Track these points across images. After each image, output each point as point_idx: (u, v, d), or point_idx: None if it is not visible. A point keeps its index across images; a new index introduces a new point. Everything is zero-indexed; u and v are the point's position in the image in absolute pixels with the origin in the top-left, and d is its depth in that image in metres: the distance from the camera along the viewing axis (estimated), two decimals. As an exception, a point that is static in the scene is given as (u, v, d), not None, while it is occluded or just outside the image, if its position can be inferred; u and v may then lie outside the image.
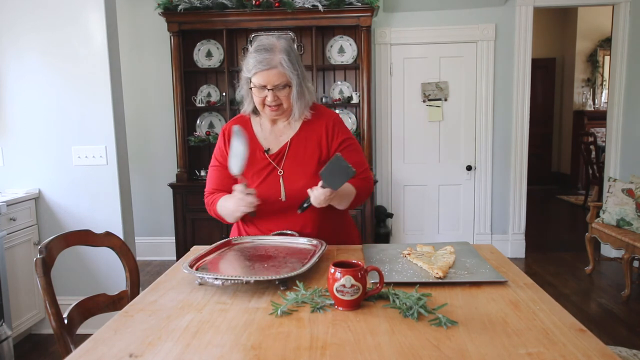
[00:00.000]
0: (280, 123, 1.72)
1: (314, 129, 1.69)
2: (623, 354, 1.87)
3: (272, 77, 1.56)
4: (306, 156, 1.67)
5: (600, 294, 3.65)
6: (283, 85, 1.58)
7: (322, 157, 1.67)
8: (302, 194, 1.56)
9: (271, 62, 1.55)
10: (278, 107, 1.62)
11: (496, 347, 0.94)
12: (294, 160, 1.66)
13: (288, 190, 1.64)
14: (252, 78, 1.59)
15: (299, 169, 1.65)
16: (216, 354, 0.94)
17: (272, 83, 1.57)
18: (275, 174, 1.66)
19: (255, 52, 1.58)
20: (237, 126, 1.56)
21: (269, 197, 1.63)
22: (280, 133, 1.71)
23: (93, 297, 1.52)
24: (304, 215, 1.62)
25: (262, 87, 1.58)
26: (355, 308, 1.13)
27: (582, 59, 7.82)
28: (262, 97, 1.60)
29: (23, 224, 2.85)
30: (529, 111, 4.36)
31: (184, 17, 3.87)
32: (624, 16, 4.18)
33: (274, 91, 1.58)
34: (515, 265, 1.45)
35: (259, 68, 1.56)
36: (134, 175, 4.04)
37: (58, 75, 2.86)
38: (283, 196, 1.64)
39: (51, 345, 2.87)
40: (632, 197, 3.66)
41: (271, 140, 1.71)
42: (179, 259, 2.10)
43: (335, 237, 1.71)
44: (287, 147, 1.68)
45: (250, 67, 1.58)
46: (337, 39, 4.16)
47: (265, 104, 1.62)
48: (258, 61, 1.56)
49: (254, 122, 1.75)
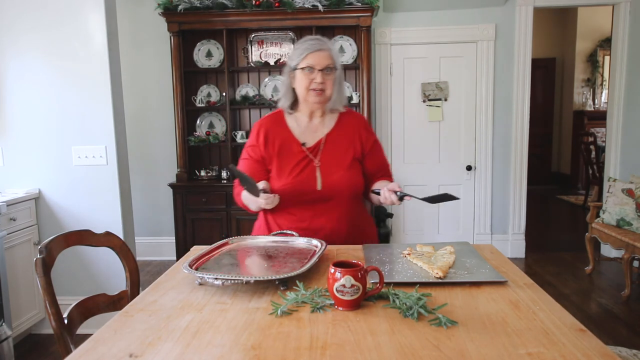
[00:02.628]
0: (315, 119, 1.83)
1: (348, 128, 1.83)
2: (623, 354, 1.87)
3: (322, 58, 1.71)
4: (341, 151, 1.79)
5: (600, 294, 3.65)
6: (329, 69, 1.72)
7: (357, 155, 1.81)
8: (338, 185, 1.73)
9: (322, 46, 1.72)
10: (322, 93, 1.73)
11: (496, 347, 0.94)
12: (329, 153, 1.78)
13: (324, 181, 1.74)
14: (301, 63, 1.72)
15: (335, 162, 1.77)
16: (216, 354, 0.94)
17: (322, 64, 1.70)
18: (312, 165, 1.76)
19: (304, 41, 1.75)
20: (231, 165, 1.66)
21: (306, 188, 1.73)
22: (315, 129, 1.82)
23: (93, 297, 1.52)
24: (339, 208, 1.76)
25: (311, 70, 1.70)
26: (355, 308, 1.13)
27: (582, 59, 7.82)
28: (310, 79, 1.71)
29: (23, 224, 2.84)
30: (529, 111, 4.36)
31: (184, 17, 3.87)
32: (624, 16, 4.18)
33: (322, 73, 1.70)
34: (515, 265, 1.45)
35: (311, 50, 1.70)
36: (134, 175, 4.04)
37: (58, 75, 2.86)
38: (319, 185, 1.74)
39: (51, 345, 2.87)
40: (632, 197, 3.66)
41: (307, 135, 1.81)
42: (179, 259, 2.10)
43: (360, 233, 1.82)
44: (323, 142, 1.79)
45: (300, 52, 1.72)
46: (337, 39, 4.16)
47: (310, 88, 1.72)
48: (310, 44, 1.72)
49: (289, 119, 1.84)
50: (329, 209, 1.75)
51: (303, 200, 1.74)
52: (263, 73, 4.32)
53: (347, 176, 1.75)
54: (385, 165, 1.90)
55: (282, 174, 1.76)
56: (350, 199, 1.78)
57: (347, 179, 1.75)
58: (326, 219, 1.75)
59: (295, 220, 1.76)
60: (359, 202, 1.86)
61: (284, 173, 1.75)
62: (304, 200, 1.74)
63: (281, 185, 1.73)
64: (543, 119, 8.22)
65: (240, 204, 1.82)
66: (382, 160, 1.89)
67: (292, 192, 1.71)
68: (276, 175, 1.77)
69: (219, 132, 4.30)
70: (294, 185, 1.72)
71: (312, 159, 1.77)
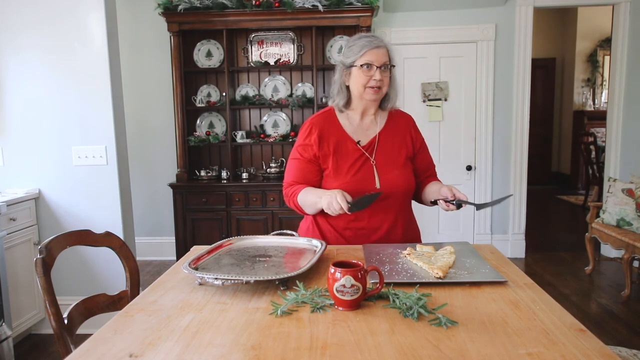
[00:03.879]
0: (367, 117, 1.82)
1: (398, 126, 1.85)
2: (623, 354, 1.87)
3: (381, 55, 1.69)
4: (394, 149, 1.80)
5: (600, 294, 3.65)
6: (386, 67, 1.71)
7: (409, 153, 1.83)
8: (394, 183, 1.74)
9: (380, 43, 1.70)
10: (379, 90, 1.72)
11: (496, 347, 0.94)
12: (383, 152, 1.79)
13: (382, 179, 1.74)
14: (359, 60, 1.70)
15: (390, 160, 1.78)
16: (216, 354, 0.94)
17: (380, 61, 1.69)
18: (368, 164, 1.76)
19: (361, 38, 1.72)
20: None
21: (365, 186, 1.72)
22: (367, 127, 1.82)
23: (93, 297, 1.52)
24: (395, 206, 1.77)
25: (370, 67, 1.68)
26: (355, 308, 1.13)
27: (582, 59, 7.82)
28: (368, 76, 1.69)
29: (23, 224, 2.84)
30: (529, 111, 4.36)
31: (184, 17, 3.87)
32: (624, 16, 4.18)
33: (380, 70, 1.69)
34: (515, 265, 1.45)
35: (369, 47, 1.68)
36: (134, 175, 4.03)
37: (58, 75, 2.86)
38: (378, 184, 1.73)
39: (51, 345, 2.86)
40: (632, 197, 3.66)
41: (360, 134, 1.80)
42: (179, 259, 2.10)
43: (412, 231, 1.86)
44: (377, 140, 1.79)
45: (358, 49, 1.70)
46: (337, 39, 4.16)
47: (367, 86, 1.71)
48: (368, 41, 1.70)
49: (341, 117, 1.83)
50: (386, 207, 1.74)
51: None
52: (263, 73, 4.32)
53: (403, 174, 1.77)
54: (431, 165, 1.92)
55: (340, 172, 1.74)
56: (404, 197, 1.80)
57: (403, 177, 1.76)
58: (383, 218, 1.74)
59: (352, 220, 1.74)
60: (410, 201, 1.89)
61: (341, 171, 1.74)
62: None
63: (339, 185, 1.70)
64: (543, 119, 8.22)
65: (293, 206, 1.77)
66: (429, 160, 1.91)
67: (351, 191, 1.66)
68: (333, 174, 1.75)
69: (219, 132, 4.30)
70: (353, 184, 1.71)
71: (368, 157, 1.76)
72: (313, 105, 4.13)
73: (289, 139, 4.14)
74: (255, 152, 4.38)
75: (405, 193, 1.79)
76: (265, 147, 4.37)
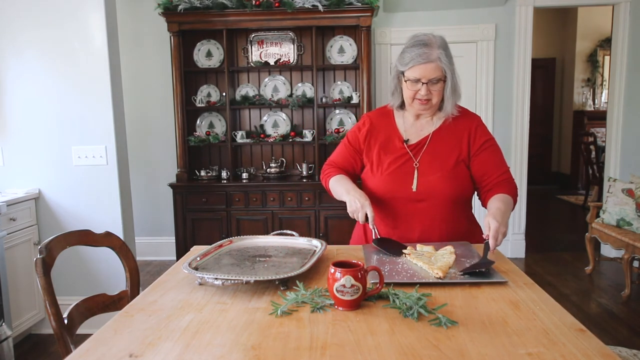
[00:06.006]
0: (423, 119, 1.75)
1: (457, 128, 1.72)
2: (623, 354, 1.87)
3: (428, 71, 1.59)
4: (445, 152, 1.70)
5: (600, 294, 3.65)
6: (437, 80, 1.61)
7: (462, 156, 1.69)
8: (435, 187, 1.64)
9: (429, 57, 1.58)
10: (427, 102, 1.65)
11: (496, 347, 0.94)
12: (432, 153, 1.70)
13: (420, 181, 1.67)
14: (407, 72, 1.62)
15: (436, 162, 1.68)
16: (216, 354, 0.94)
17: (427, 77, 1.59)
18: (410, 164, 1.70)
19: (413, 46, 1.62)
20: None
21: (400, 186, 1.67)
22: (422, 127, 1.75)
23: (93, 297, 1.52)
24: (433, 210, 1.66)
25: (417, 81, 1.61)
26: (355, 308, 1.13)
27: (582, 59, 7.82)
28: (414, 90, 1.63)
29: (23, 224, 2.84)
30: (529, 111, 4.36)
31: (184, 17, 3.87)
32: (624, 16, 4.18)
33: (428, 85, 1.60)
34: (515, 265, 1.45)
35: (417, 62, 1.58)
36: (134, 175, 4.04)
37: (58, 75, 2.86)
38: (414, 186, 1.66)
39: (51, 345, 2.86)
40: (632, 197, 3.66)
41: (412, 133, 1.75)
42: (179, 259, 2.10)
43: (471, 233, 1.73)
44: (428, 140, 1.71)
45: (407, 61, 1.61)
46: (337, 39, 4.16)
47: (415, 98, 1.64)
48: (417, 54, 1.59)
49: (397, 115, 1.79)
50: (422, 210, 1.67)
51: (396, 198, 1.68)
52: (263, 73, 4.32)
53: (446, 178, 1.64)
54: (492, 171, 1.67)
55: (379, 167, 1.71)
56: (447, 202, 1.66)
57: (444, 181, 1.64)
58: (418, 221, 1.68)
59: (386, 217, 1.71)
60: (463, 207, 1.73)
61: (381, 166, 1.71)
62: (397, 197, 1.68)
63: (376, 179, 1.70)
64: (543, 119, 8.22)
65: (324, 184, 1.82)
66: (489, 166, 1.68)
67: (385, 188, 1.66)
68: (371, 170, 1.73)
69: (219, 132, 4.30)
70: (389, 180, 1.67)
71: (411, 157, 1.70)
72: (313, 105, 4.13)
73: (289, 139, 4.14)
74: (255, 152, 4.38)
75: (446, 198, 1.66)
76: (265, 147, 4.37)
